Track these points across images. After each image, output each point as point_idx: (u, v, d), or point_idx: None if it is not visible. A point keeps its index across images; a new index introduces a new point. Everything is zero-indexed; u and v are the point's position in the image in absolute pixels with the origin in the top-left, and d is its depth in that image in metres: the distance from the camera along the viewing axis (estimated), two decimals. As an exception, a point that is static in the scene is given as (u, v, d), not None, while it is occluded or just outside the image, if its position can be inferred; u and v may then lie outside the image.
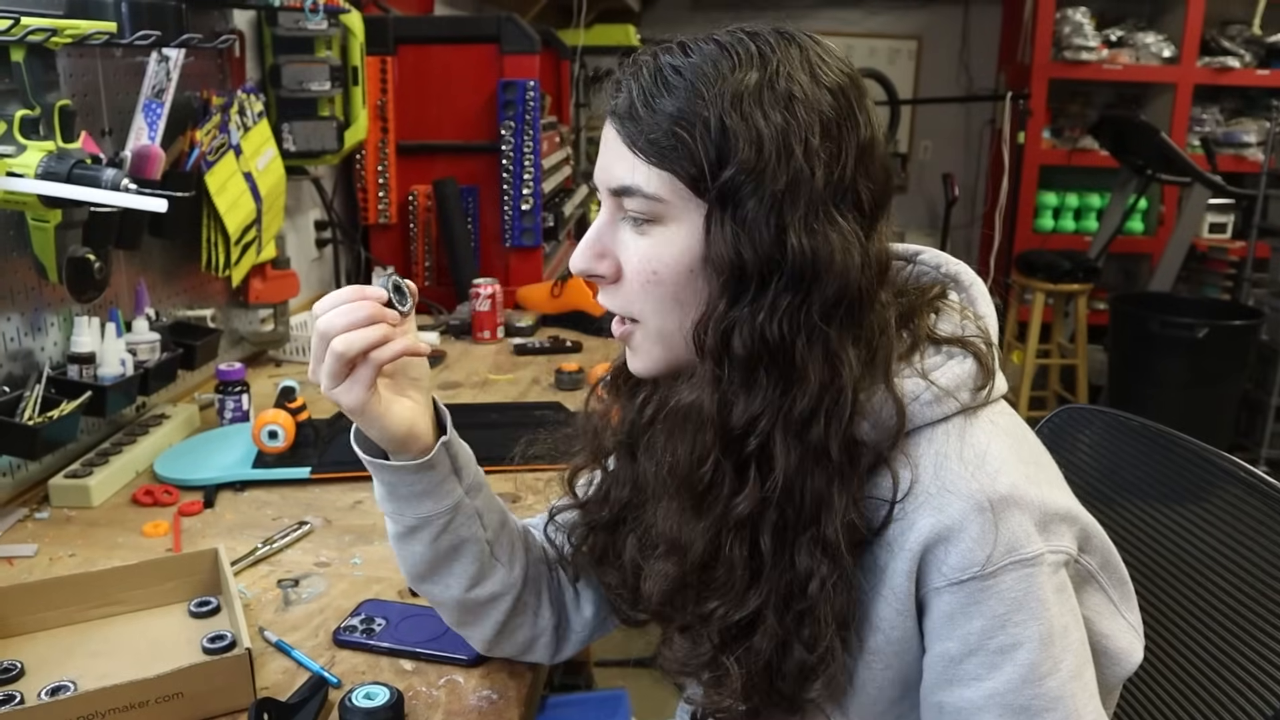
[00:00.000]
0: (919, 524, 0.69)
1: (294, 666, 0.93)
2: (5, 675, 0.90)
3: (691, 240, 0.70)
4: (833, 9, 5.32)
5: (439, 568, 0.86)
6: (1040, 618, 0.68)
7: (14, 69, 1.13)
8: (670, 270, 0.71)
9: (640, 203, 0.71)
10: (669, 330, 0.73)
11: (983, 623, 0.68)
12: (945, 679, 0.71)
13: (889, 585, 0.72)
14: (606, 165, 0.73)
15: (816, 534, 0.70)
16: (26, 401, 1.25)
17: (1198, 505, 1.10)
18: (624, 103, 0.71)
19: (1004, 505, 0.68)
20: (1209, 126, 4.67)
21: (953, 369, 0.72)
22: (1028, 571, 0.68)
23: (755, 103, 0.67)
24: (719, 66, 0.68)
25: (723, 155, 0.67)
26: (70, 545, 1.18)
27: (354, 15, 1.98)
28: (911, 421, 0.71)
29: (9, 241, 1.27)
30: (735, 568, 0.72)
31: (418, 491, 0.83)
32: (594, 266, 0.75)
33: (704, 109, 0.67)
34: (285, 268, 1.92)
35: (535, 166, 2.32)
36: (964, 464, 0.69)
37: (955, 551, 0.68)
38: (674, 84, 0.69)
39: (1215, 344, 3.40)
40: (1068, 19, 4.57)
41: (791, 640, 0.72)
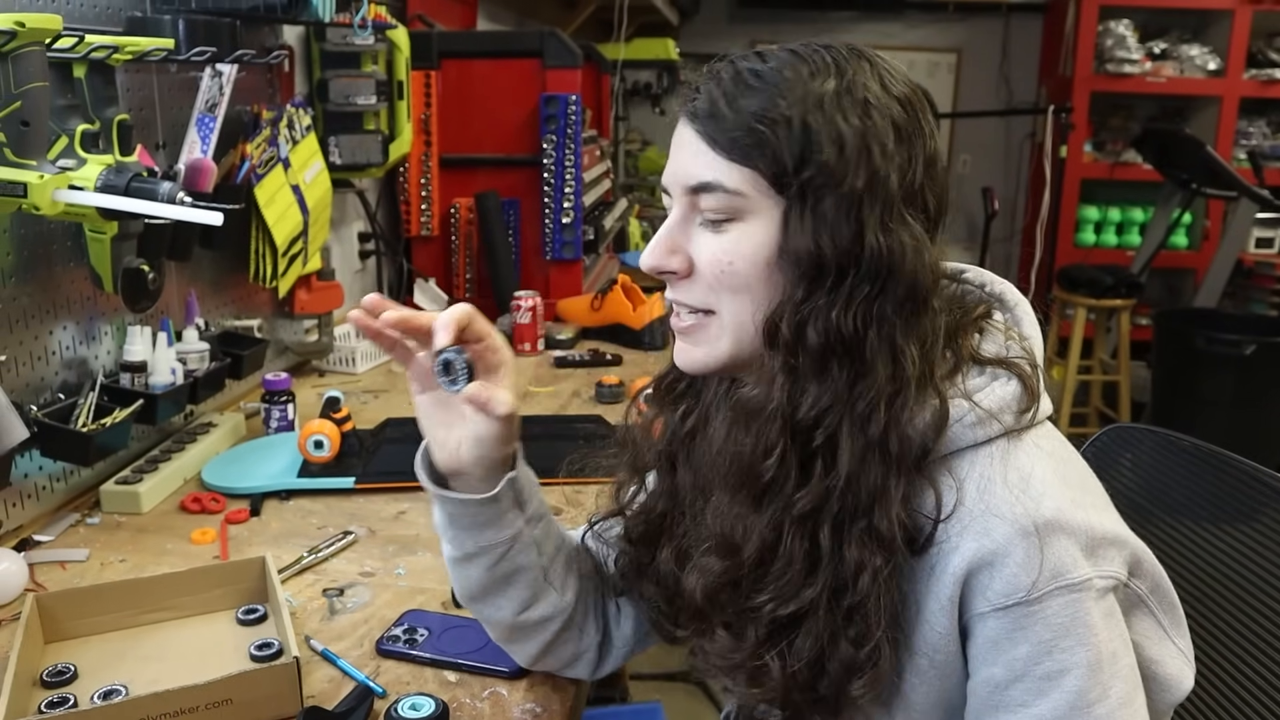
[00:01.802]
0: (963, 548, 0.69)
1: (339, 675, 0.94)
2: (59, 678, 0.92)
3: (768, 235, 0.72)
4: (872, 22, 5.30)
5: (493, 591, 0.87)
6: (1088, 644, 0.68)
7: (76, 85, 1.16)
8: (746, 262, 0.73)
9: (720, 198, 0.72)
10: (743, 320, 0.74)
11: (1029, 649, 0.68)
12: (991, 704, 0.71)
13: (931, 609, 0.71)
14: (682, 164, 0.75)
15: (869, 526, 0.70)
16: (80, 409, 1.27)
17: (1249, 526, 1.08)
18: (704, 104, 0.73)
19: (1049, 530, 0.68)
20: (1256, 140, 4.60)
21: (996, 391, 0.73)
22: (1074, 597, 0.68)
23: (835, 106, 0.70)
24: (798, 72, 0.71)
25: (805, 153, 0.69)
26: (120, 551, 1.21)
27: (400, 31, 2.01)
28: (955, 443, 0.71)
29: (67, 252, 1.30)
30: (794, 561, 0.72)
31: (479, 522, 0.84)
32: (666, 262, 0.76)
33: (787, 109, 0.70)
34: (330, 279, 1.94)
35: (576, 180, 2.33)
36: (1008, 488, 0.69)
37: (1000, 577, 0.68)
38: (755, 86, 0.71)
39: (1263, 361, 3.34)
40: (1110, 31, 4.53)
41: (839, 635, 0.72)
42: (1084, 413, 4.08)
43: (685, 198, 0.75)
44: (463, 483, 0.85)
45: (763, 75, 0.71)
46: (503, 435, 0.82)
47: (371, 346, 2.01)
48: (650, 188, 4.50)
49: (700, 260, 0.75)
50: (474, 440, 0.82)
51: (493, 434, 0.82)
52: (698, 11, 5.15)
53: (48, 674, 0.92)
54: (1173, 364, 3.59)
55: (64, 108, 1.15)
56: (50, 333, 1.29)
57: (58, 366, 1.30)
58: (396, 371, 2.00)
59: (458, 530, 0.85)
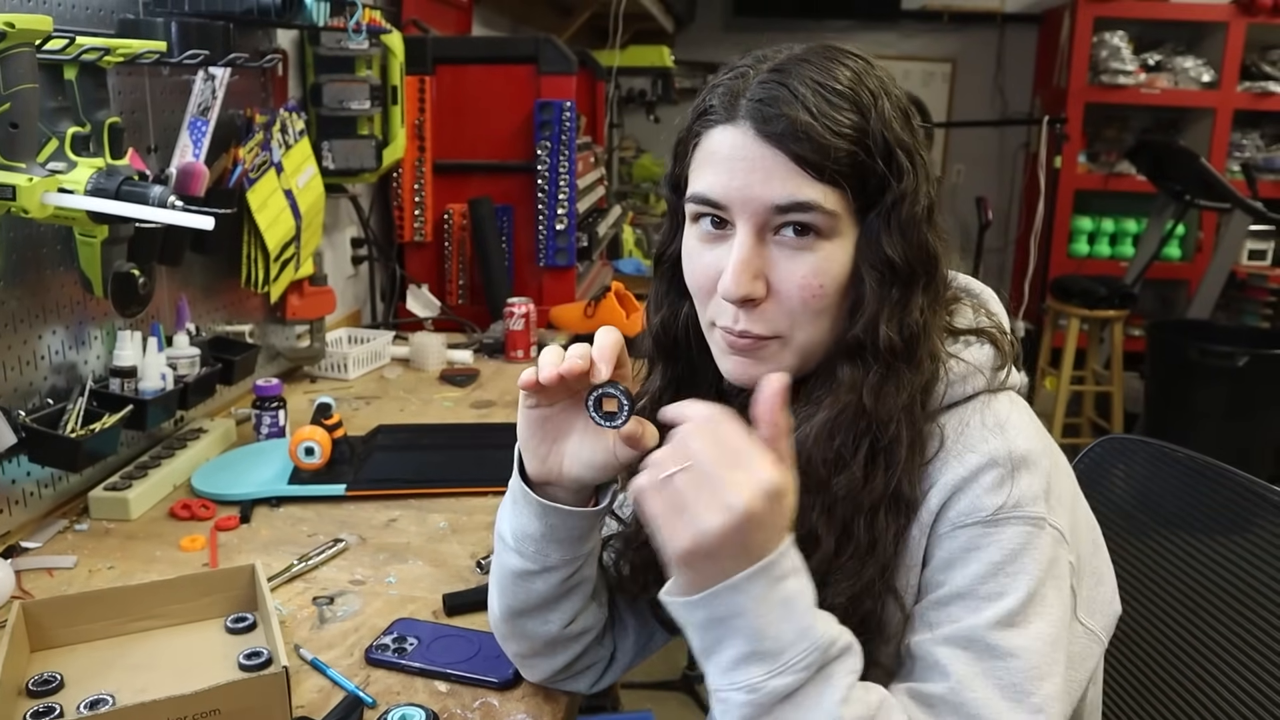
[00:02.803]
0: (940, 480, 0.74)
1: (329, 685, 0.93)
2: (45, 688, 0.91)
3: (849, 252, 0.74)
4: (868, 31, 5.32)
5: (549, 606, 0.85)
6: (1031, 574, 0.71)
7: (67, 87, 1.15)
8: (835, 283, 0.74)
9: (814, 217, 0.72)
10: (815, 342, 0.76)
11: (977, 568, 0.71)
12: (925, 623, 0.72)
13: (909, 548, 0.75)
14: (762, 185, 0.72)
15: (899, 492, 0.74)
16: (69, 414, 1.26)
17: (1243, 537, 1.08)
18: (787, 126, 0.71)
19: (1020, 463, 0.73)
20: (1249, 152, 4.62)
21: (973, 352, 0.78)
22: (1031, 529, 0.71)
23: (897, 122, 0.74)
24: (865, 84, 0.73)
25: (892, 173, 0.73)
26: (109, 558, 1.19)
27: (394, 35, 2.00)
28: (938, 400, 0.77)
29: (56, 256, 1.29)
30: (861, 550, 0.74)
31: (575, 535, 0.82)
32: (754, 290, 0.74)
33: (874, 126, 0.72)
34: (322, 284, 1.93)
35: (570, 186, 2.33)
36: (985, 428, 0.75)
37: (966, 498, 0.72)
38: (840, 106, 0.72)
39: (1256, 373, 3.35)
40: (1105, 43, 4.55)
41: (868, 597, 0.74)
42: (1077, 423, 4.08)
43: (762, 216, 0.73)
44: (549, 494, 0.82)
45: (835, 89, 0.72)
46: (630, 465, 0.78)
47: (363, 353, 2.00)
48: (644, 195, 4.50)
49: (786, 284, 0.74)
50: (588, 464, 0.79)
51: (623, 463, 0.79)
52: (693, 19, 5.15)
53: (33, 683, 0.91)
54: (1166, 375, 3.60)
55: (54, 110, 1.14)
56: (39, 337, 1.27)
57: (46, 371, 1.29)
58: (388, 378, 1.99)
59: (550, 543, 0.81)
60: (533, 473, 0.81)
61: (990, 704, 0.67)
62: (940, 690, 0.69)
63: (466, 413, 1.77)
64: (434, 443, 1.57)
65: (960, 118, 5.29)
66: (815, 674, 0.63)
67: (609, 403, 0.74)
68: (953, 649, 0.70)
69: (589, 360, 0.74)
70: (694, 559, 0.63)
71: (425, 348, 2.05)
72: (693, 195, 0.77)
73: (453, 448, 1.53)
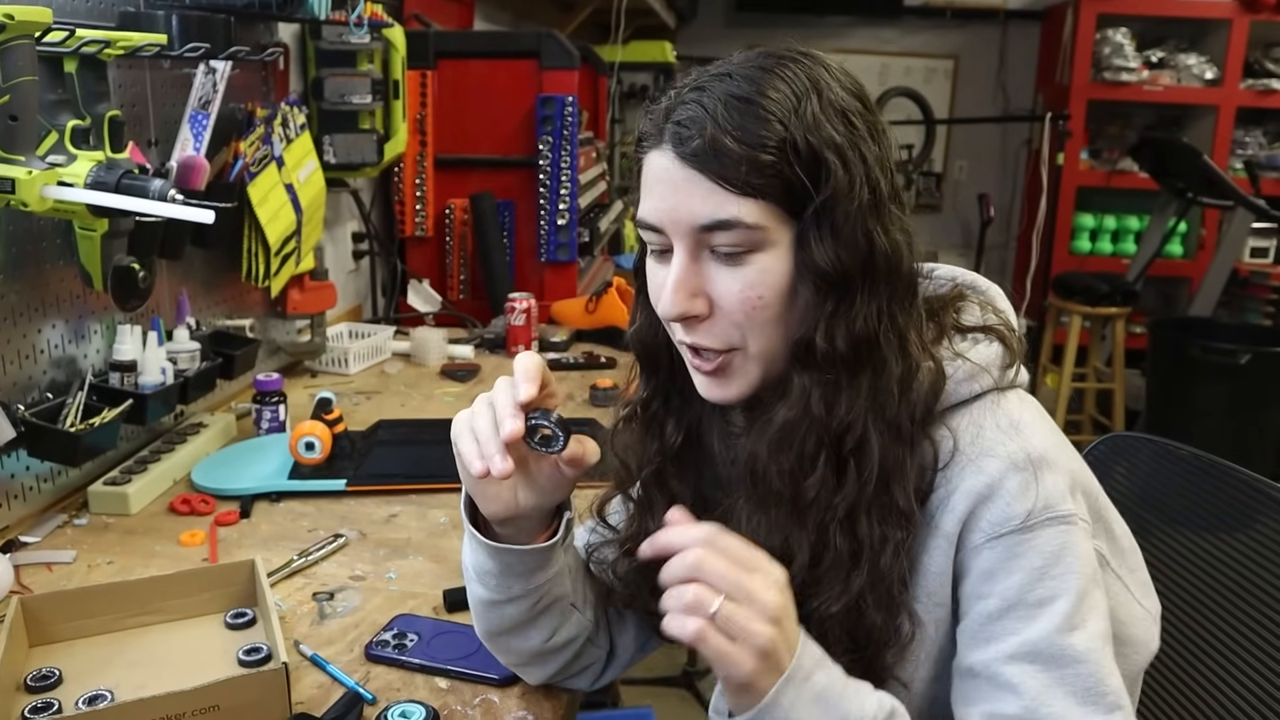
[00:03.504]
0: (961, 487, 0.73)
1: (329, 681, 0.93)
2: (44, 683, 0.90)
3: (786, 260, 0.73)
4: (869, 28, 5.31)
5: (525, 626, 0.85)
6: (1076, 571, 0.71)
7: (67, 80, 1.14)
8: (774, 292, 0.73)
9: (740, 234, 0.72)
10: (772, 348, 0.75)
11: (1021, 577, 0.71)
12: (982, 639, 0.72)
13: (932, 555, 0.74)
14: (684, 205, 0.72)
15: (889, 502, 0.73)
16: (69, 408, 1.26)
17: (1246, 534, 1.07)
18: (699, 145, 0.71)
19: (1041, 464, 0.72)
20: (1252, 149, 4.61)
21: (981, 350, 0.77)
22: (1064, 528, 0.71)
23: (825, 120, 0.71)
24: (781, 90, 0.71)
25: (815, 176, 0.70)
26: (108, 553, 1.19)
27: (396, 30, 2.00)
28: (948, 400, 0.75)
29: (56, 250, 1.29)
30: (842, 559, 0.74)
31: (532, 566, 0.82)
32: (691, 308, 0.74)
33: (790, 133, 0.70)
34: (323, 279, 1.93)
35: (572, 182, 2.32)
36: (999, 430, 0.74)
37: (995, 507, 0.71)
38: (751, 117, 0.70)
39: (1257, 370, 3.34)
40: (1108, 39, 4.54)
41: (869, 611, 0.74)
42: (1078, 420, 4.08)
43: (692, 236, 0.73)
44: (513, 529, 0.82)
45: (750, 101, 0.70)
46: (576, 480, 0.80)
47: (364, 348, 2.00)
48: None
49: (725, 299, 0.74)
50: (541, 490, 0.80)
51: (571, 483, 0.80)
52: (695, 15, 5.15)
53: (32, 678, 0.91)
54: (1167, 373, 3.59)
55: (54, 103, 1.13)
56: (39, 331, 1.27)
57: (46, 365, 1.29)
58: (389, 373, 1.98)
59: (509, 577, 0.82)
60: (496, 515, 0.80)
61: (1069, 714, 0.68)
62: (1017, 710, 0.69)
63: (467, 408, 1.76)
64: (435, 438, 1.56)
65: (962, 114, 5.28)
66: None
67: (540, 433, 0.75)
68: (1019, 665, 0.70)
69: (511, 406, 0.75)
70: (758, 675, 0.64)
71: (426, 343, 2.04)
72: (637, 220, 0.78)
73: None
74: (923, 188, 5.37)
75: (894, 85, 5.14)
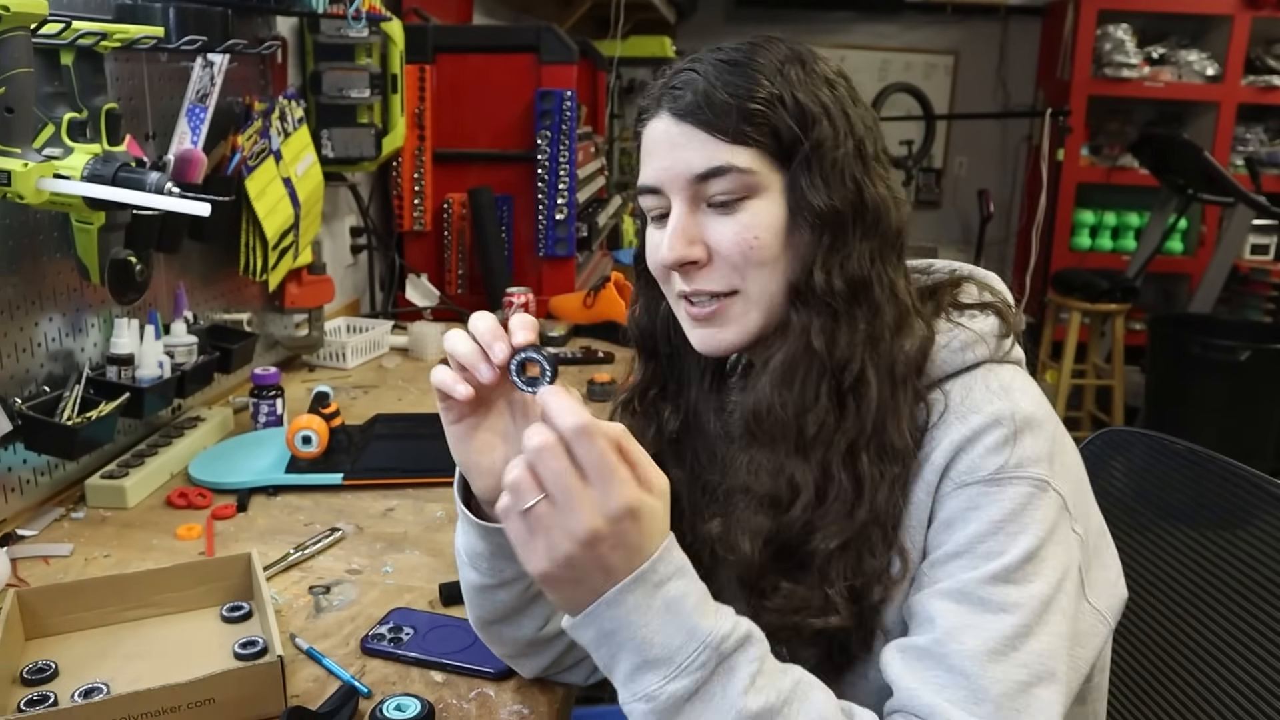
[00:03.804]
0: (944, 440, 0.75)
1: (324, 674, 0.93)
2: (39, 675, 0.90)
3: (779, 205, 0.77)
4: (869, 23, 5.30)
5: (519, 612, 0.85)
6: (1033, 533, 0.71)
7: (63, 72, 1.14)
8: (770, 233, 0.77)
9: (733, 179, 0.76)
10: (770, 291, 0.78)
11: (978, 527, 0.72)
12: (924, 582, 0.73)
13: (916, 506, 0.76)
14: (681, 159, 0.77)
15: (885, 441, 0.75)
16: (66, 402, 1.26)
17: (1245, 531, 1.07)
18: (691, 100, 0.76)
19: (1024, 424, 0.73)
20: (1253, 146, 4.61)
21: (978, 321, 0.80)
22: (1033, 490, 0.72)
23: (811, 83, 0.77)
24: (768, 57, 0.77)
25: (803, 125, 0.76)
26: (105, 546, 1.19)
27: (395, 23, 1.99)
28: (945, 368, 0.78)
29: (53, 243, 1.29)
30: (846, 494, 0.76)
31: None
32: (689, 252, 0.78)
33: (777, 89, 0.76)
34: (321, 273, 1.92)
35: (570, 176, 2.32)
36: (989, 391, 0.76)
37: (970, 456, 0.73)
38: (737, 73, 0.76)
39: (1257, 367, 3.34)
40: (1109, 35, 4.53)
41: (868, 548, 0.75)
42: (1078, 416, 4.08)
43: (690, 189, 0.78)
44: None
45: (739, 63, 0.77)
46: None
47: (362, 342, 2.00)
48: (646, 186, 4.48)
49: (722, 243, 0.78)
50: None
51: None
52: (695, 10, 5.13)
53: (28, 671, 0.91)
54: (1167, 369, 3.59)
55: (51, 95, 1.13)
56: (35, 324, 1.27)
57: (43, 359, 1.28)
58: (387, 367, 1.98)
59: (501, 559, 0.82)
60: (483, 491, 0.80)
61: (975, 658, 0.68)
62: (926, 642, 0.70)
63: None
64: (432, 432, 1.54)
65: (963, 110, 5.28)
66: (714, 670, 0.64)
67: (531, 368, 0.73)
68: (945, 602, 0.71)
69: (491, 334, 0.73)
70: (551, 582, 0.65)
71: (424, 337, 2.04)
72: (637, 189, 0.82)
73: (451, 438, 1.53)
74: (923, 183, 5.36)
75: (894, 81, 5.13)
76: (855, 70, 5.59)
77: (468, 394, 0.74)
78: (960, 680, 0.67)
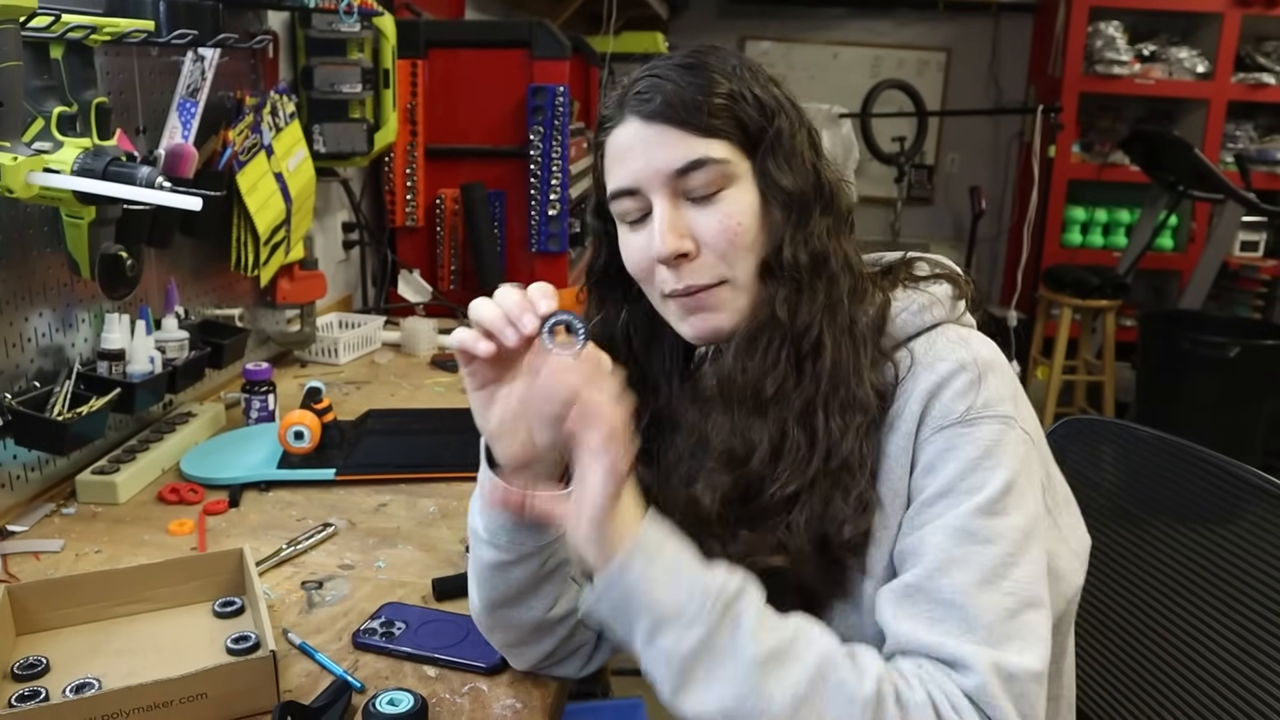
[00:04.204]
0: (915, 390, 0.79)
1: (317, 669, 0.93)
2: (31, 671, 0.90)
3: (752, 190, 0.82)
4: (862, 20, 5.30)
5: (530, 592, 0.85)
6: (1008, 466, 0.76)
7: (53, 66, 1.13)
8: (749, 217, 0.82)
9: (711, 170, 0.80)
10: (751, 273, 0.83)
11: (957, 466, 0.76)
12: (916, 523, 0.77)
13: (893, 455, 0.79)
14: (656, 157, 0.81)
15: (849, 395, 0.80)
16: (56, 397, 1.25)
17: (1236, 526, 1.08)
18: (661, 102, 0.81)
19: (987, 368, 0.79)
20: (1243, 143, 4.62)
21: (933, 287, 0.86)
22: (1002, 427, 0.77)
23: (760, 81, 0.84)
24: (719, 61, 0.83)
25: (765, 115, 0.82)
26: (96, 541, 1.19)
27: (386, 18, 1.99)
28: (906, 329, 0.83)
29: (43, 238, 1.28)
30: (800, 448, 0.80)
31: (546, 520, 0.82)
32: (681, 244, 0.81)
33: (736, 86, 0.82)
34: (313, 268, 1.92)
35: (563, 172, 2.31)
36: (949, 342, 0.81)
37: (942, 401, 0.78)
38: (700, 76, 0.81)
39: (1247, 364, 3.36)
40: (1100, 32, 4.53)
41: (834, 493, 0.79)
42: (1068, 412, 4.09)
43: (669, 185, 0.81)
44: (528, 477, 0.81)
45: (696, 66, 0.82)
46: None
47: (354, 337, 1.99)
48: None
49: (708, 233, 0.81)
50: (554, 420, 0.76)
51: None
52: (687, 6, 5.13)
53: (19, 667, 0.91)
54: (1157, 365, 3.60)
55: (40, 89, 1.12)
56: (26, 319, 1.26)
57: (33, 354, 1.28)
58: (379, 363, 1.98)
59: (524, 531, 0.83)
60: (509, 458, 0.80)
61: (964, 590, 0.71)
62: (914, 577, 0.74)
63: (457, 398, 1.76)
64: (424, 428, 1.56)
65: (955, 106, 5.28)
66: (720, 619, 0.69)
67: (561, 332, 0.74)
68: (934, 537, 0.74)
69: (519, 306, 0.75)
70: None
71: (416, 333, 2.04)
72: (612, 193, 0.85)
73: (443, 433, 1.53)
74: (915, 180, 5.36)
75: (886, 77, 5.13)
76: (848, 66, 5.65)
77: (489, 350, 0.75)
78: (954, 613, 0.71)
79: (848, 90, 5.05)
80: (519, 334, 0.74)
